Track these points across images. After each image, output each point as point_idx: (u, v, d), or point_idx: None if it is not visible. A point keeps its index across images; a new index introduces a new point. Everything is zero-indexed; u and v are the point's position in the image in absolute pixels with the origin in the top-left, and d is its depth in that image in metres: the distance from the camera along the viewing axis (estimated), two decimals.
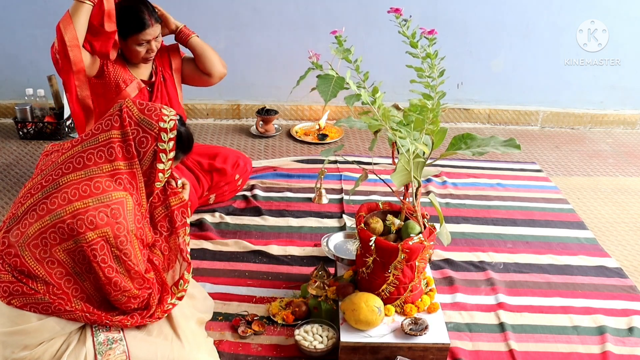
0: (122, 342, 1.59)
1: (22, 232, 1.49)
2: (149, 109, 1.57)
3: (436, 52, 1.60)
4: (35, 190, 1.54)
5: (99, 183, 1.51)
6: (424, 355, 1.72)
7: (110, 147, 1.54)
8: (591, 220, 2.64)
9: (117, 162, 1.54)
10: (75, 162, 1.53)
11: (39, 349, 1.53)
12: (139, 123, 1.56)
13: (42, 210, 1.49)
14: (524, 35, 3.50)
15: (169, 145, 1.58)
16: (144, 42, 2.26)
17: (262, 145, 3.35)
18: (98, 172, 1.52)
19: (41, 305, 1.51)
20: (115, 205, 1.50)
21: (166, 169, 1.61)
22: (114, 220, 1.49)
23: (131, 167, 1.56)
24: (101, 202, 1.49)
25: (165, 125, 1.56)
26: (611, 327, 1.94)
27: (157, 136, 1.56)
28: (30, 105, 3.26)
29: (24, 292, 1.49)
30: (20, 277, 1.49)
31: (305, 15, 3.40)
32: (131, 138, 1.55)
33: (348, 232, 2.23)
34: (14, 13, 3.33)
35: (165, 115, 1.57)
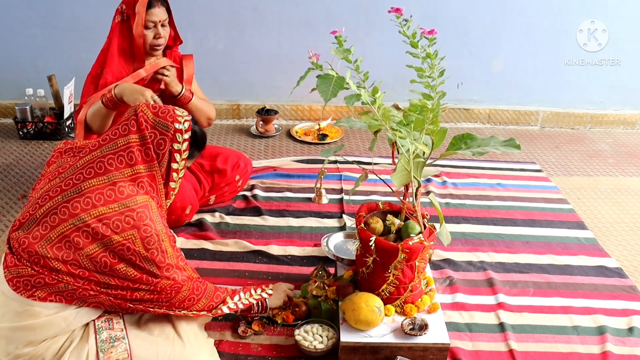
0: (125, 341, 1.59)
1: (43, 234, 1.51)
2: (163, 111, 1.60)
3: (436, 52, 1.60)
4: (55, 193, 1.55)
5: (122, 187, 1.53)
6: (424, 355, 1.72)
7: (130, 152, 1.56)
8: (591, 220, 2.64)
9: (137, 166, 1.57)
10: (97, 167, 1.55)
11: (42, 346, 1.54)
12: (155, 126, 1.58)
13: (64, 214, 1.51)
14: (524, 35, 3.50)
15: (184, 145, 1.61)
16: (150, 24, 2.26)
17: (262, 145, 3.35)
18: (120, 177, 1.55)
19: (66, 292, 1.53)
20: (141, 209, 1.53)
21: (180, 169, 1.64)
22: (141, 222, 1.51)
23: (151, 169, 1.59)
24: (126, 206, 1.52)
25: (180, 126, 1.59)
26: (611, 327, 1.94)
27: (173, 137, 1.59)
28: (30, 105, 3.27)
29: (47, 283, 1.51)
30: (42, 270, 1.51)
31: (305, 15, 3.40)
32: (149, 141, 1.57)
33: (348, 232, 2.23)
34: (14, 13, 3.34)
35: (179, 117, 1.60)
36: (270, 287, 1.90)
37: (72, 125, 3.38)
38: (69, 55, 3.45)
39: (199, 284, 1.68)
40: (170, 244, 1.60)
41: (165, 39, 2.34)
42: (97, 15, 3.32)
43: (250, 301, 1.82)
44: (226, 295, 1.77)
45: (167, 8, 2.33)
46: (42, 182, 1.65)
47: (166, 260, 1.57)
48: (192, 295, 1.65)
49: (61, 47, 3.43)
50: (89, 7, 3.32)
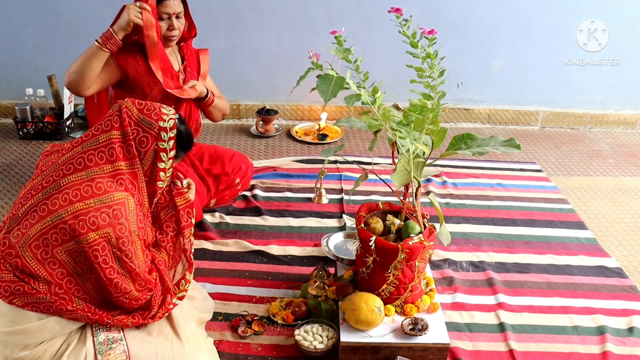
0: (123, 342, 1.59)
1: (23, 232, 1.50)
2: (148, 109, 1.58)
3: (436, 52, 1.60)
4: (36, 191, 1.54)
5: (100, 184, 1.51)
6: (424, 355, 1.72)
7: (111, 148, 1.54)
8: (591, 220, 2.64)
9: (118, 163, 1.54)
10: (76, 162, 1.54)
11: (39, 349, 1.53)
12: (139, 123, 1.56)
13: (43, 211, 1.49)
14: (524, 35, 3.50)
15: (169, 144, 1.58)
16: (164, 15, 2.25)
17: (262, 145, 3.35)
18: (99, 173, 1.52)
19: (42, 304, 1.51)
20: (117, 206, 1.50)
21: (167, 168, 1.61)
22: (116, 220, 1.49)
23: (132, 167, 1.57)
24: (103, 202, 1.49)
25: (165, 124, 1.57)
26: (611, 327, 1.94)
27: (157, 135, 1.56)
28: (30, 105, 3.26)
29: (26, 292, 1.50)
30: (22, 276, 1.50)
31: (305, 15, 3.40)
32: (131, 138, 1.55)
33: (348, 232, 2.23)
34: (14, 13, 3.33)
35: (164, 115, 1.58)
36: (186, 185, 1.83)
37: (72, 125, 3.38)
38: (69, 55, 3.42)
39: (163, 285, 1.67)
40: (141, 247, 1.57)
41: (179, 30, 2.33)
42: (97, 15, 3.32)
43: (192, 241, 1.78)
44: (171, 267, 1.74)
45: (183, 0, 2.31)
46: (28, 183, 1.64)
47: (135, 265, 1.55)
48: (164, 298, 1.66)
49: (61, 47, 3.42)
50: (89, 7, 3.32)
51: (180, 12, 2.31)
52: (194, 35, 2.48)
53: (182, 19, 2.34)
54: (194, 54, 2.51)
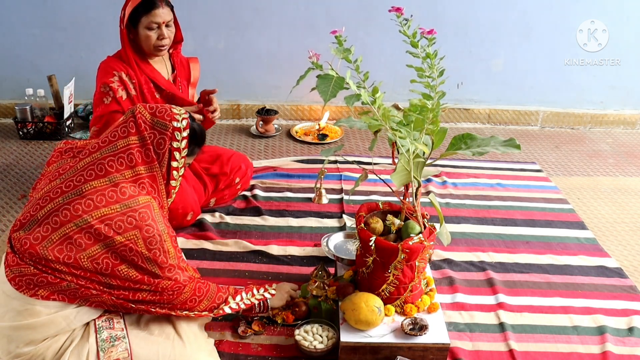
0: (125, 340, 1.60)
1: (44, 236, 1.51)
2: (160, 111, 1.61)
3: (436, 52, 1.60)
4: (55, 194, 1.55)
5: (124, 189, 1.54)
6: (424, 355, 1.72)
7: (130, 154, 1.57)
8: (591, 220, 2.64)
9: (138, 168, 1.58)
10: (97, 169, 1.56)
11: (42, 345, 1.55)
12: (154, 126, 1.59)
13: (65, 216, 1.51)
14: (524, 35, 3.50)
15: (183, 143, 1.62)
16: (154, 25, 2.24)
17: (262, 145, 3.35)
18: (121, 179, 1.56)
19: (68, 291, 1.53)
20: (143, 209, 1.54)
21: (180, 167, 1.64)
22: (143, 223, 1.52)
23: (152, 170, 1.60)
24: (128, 207, 1.53)
25: (178, 124, 1.60)
26: (611, 327, 1.94)
27: (172, 136, 1.60)
28: (30, 105, 3.26)
29: (50, 282, 1.51)
30: (45, 269, 1.51)
31: (305, 15, 3.40)
32: (149, 142, 1.59)
33: (348, 232, 2.23)
34: (14, 13, 3.33)
35: (176, 115, 1.61)
36: (273, 287, 1.90)
37: (72, 125, 3.38)
38: (69, 55, 3.45)
39: (201, 284, 1.69)
40: (172, 244, 1.60)
41: (170, 39, 2.31)
42: (97, 15, 3.33)
43: (252, 301, 1.82)
44: (228, 295, 1.77)
45: (171, 8, 2.29)
46: (43, 182, 1.65)
47: (168, 260, 1.58)
48: (194, 296, 1.66)
49: (61, 47, 3.43)
50: (89, 7, 3.32)
51: (169, 21, 2.28)
52: (180, 40, 2.45)
53: (172, 27, 2.32)
54: (184, 62, 2.51)
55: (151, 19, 2.22)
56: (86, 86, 3.21)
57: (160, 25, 2.25)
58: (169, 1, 2.29)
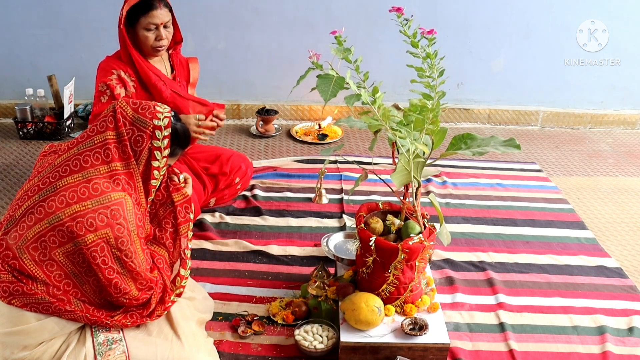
0: (122, 343, 1.59)
1: (20, 234, 1.50)
2: (143, 107, 1.57)
3: (436, 52, 1.60)
4: (32, 192, 1.54)
5: (97, 185, 1.51)
6: (424, 355, 1.72)
7: (107, 149, 1.54)
8: (591, 220, 2.64)
9: (114, 163, 1.54)
10: (72, 164, 1.53)
11: (38, 349, 1.53)
12: (134, 122, 1.55)
13: (40, 213, 1.49)
14: (524, 35, 3.50)
15: (164, 142, 1.57)
16: (152, 26, 2.23)
17: (262, 145, 3.35)
18: (95, 174, 1.52)
19: (41, 305, 1.51)
20: (115, 206, 1.50)
21: (161, 167, 1.60)
22: (114, 221, 1.49)
23: (128, 167, 1.56)
24: (100, 203, 1.49)
25: (159, 123, 1.56)
26: (611, 327, 1.94)
27: (152, 134, 1.55)
28: (30, 105, 3.27)
29: (24, 292, 1.49)
30: (20, 277, 1.50)
31: (305, 15, 3.40)
32: (126, 138, 1.55)
33: (348, 232, 2.22)
34: (14, 13, 3.33)
35: (159, 113, 1.56)
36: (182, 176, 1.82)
37: (72, 125, 3.38)
38: (69, 55, 3.45)
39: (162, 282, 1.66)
40: (141, 246, 1.57)
41: (167, 40, 2.30)
42: (97, 15, 3.32)
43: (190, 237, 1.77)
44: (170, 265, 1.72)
45: (170, 9, 2.29)
46: (25, 184, 1.64)
47: (136, 265, 1.54)
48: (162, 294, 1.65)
49: (61, 47, 3.43)
50: (89, 7, 3.32)
51: (167, 22, 2.27)
52: (180, 40, 2.45)
53: (170, 28, 2.31)
54: (183, 62, 2.50)
55: (149, 19, 2.21)
56: (86, 86, 3.21)
57: (159, 26, 2.25)
58: (168, 2, 2.28)
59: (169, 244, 1.73)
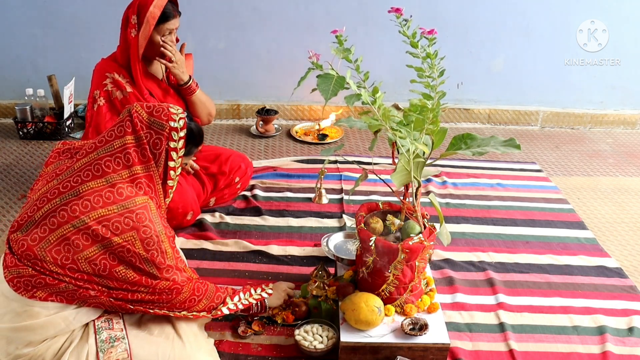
0: (124, 341, 1.60)
1: (42, 237, 1.51)
2: (157, 110, 1.60)
3: (436, 52, 1.60)
4: (52, 195, 1.55)
5: (121, 189, 1.54)
6: (424, 355, 1.72)
7: (127, 153, 1.56)
8: (591, 220, 2.64)
9: (134, 167, 1.57)
10: (94, 169, 1.55)
11: (42, 346, 1.55)
12: (150, 126, 1.58)
13: (63, 217, 1.51)
14: (524, 35, 3.50)
15: (180, 143, 1.61)
16: (167, 32, 2.29)
17: (262, 145, 3.35)
18: (118, 179, 1.55)
19: (66, 292, 1.53)
20: (140, 210, 1.53)
21: (177, 167, 1.64)
22: (140, 224, 1.52)
23: (148, 170, 1.59)
24: (125, 208, 1.52)
25: (175, 124, 1.59)
26: (611, 327, 1.94)
27: (169, 136, 1.59)
28: (30, 105, 3.27)
29: (48, 283, 1.51)
30: (43, 270, 1.51)
31: (305, 15, 3.40)
32: (145, 142, 1.57)
33: (348, 232, 2.22)
34: (14, 13, 3.33)
35: (174, 114, 1.60)
36: (270, 287, 1.90)
37: (72, 125, 3.38)
38: (69, 55, 3.45)
39: (199, 285, 1.69)
40: (170, 245, 1.60)
41: (174, 44, 2.36)
42: (97, 15, 3.33)
43: (250, 301, 1.82)
44: (226, 295, 1.77)
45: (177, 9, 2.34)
46: (40, 183, 1.65)
47: (166, 261, 1.58)
48: (193, 296, 1.66)
49: (61, 47, 3.43)
50: (89, 7, 3.32)
51: (177, 27, 2.35)
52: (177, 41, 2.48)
53: (175, 32, 2.37)
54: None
55: (167, 26, 2.28)
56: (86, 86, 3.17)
57: (172, 32, 2.32)
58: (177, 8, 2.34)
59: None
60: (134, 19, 2.22)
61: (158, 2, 2.20)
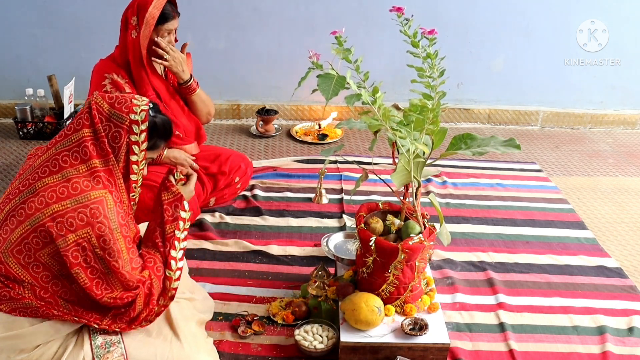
0: (120, 345, 1.57)
1: (4, 238, 1.48)
2: (120, 102, 1.52)
3: (436, 52, 1.60)
4: (14, 195, 1.52)
5: (76, 184, 1.47)
6: (424, 355, 1.72)
7: (84, 147, 1.50)
8: (591, 220, 2.64)
9: (92, 161, 1.50)
10: (51, 165, 1.50)
11: (35, 352, 1.52)
12: (110, 118, 1.51)
13: (21, 215, 1.47)
14: (524, 35, 3.50)
15: (141, 137, 1.53)
16: (166, 33, 2.30)
17: (262, 145, 3.35)
18: (74, 174, 1.49)
19: (29, 309, 1.50)
20: (94, 205, 1.46)
21: (140, 161, 1.56)
22: (95, 219, 1.45)
23: (107, 164, 1.52)
24: (79, 202, 1.45)
25: (136, 117, 1.51)
26: (611, 327, 1.94)
27: (129, 129, 1.51)
28: (30, 105, 3.27)
29: (12, 297, 1.48)
30: (7, 282, 1.48)
31: (305, 15, 3.40)
32: (103, 135, 1.51)
33: (348, 232, 2.22)
34: (14, 13, 3.33)
35: (135, 106, 1.52)
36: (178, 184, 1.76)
37: None
38: (69, 55, 3.45)
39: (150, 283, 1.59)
40: (126, 245, 1.52)
41: (173, 44, 2.37)
42: (97, 15, 3.32)
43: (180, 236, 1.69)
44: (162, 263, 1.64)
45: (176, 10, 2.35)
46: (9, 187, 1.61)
47: (120, 265, 1.50)
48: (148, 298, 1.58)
49: (61, 47, 3.43)
50: (89, 7, 3.32)
51: (177, 27, 2.35)
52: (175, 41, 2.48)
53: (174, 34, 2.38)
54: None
55: (166, 27, 2.29)
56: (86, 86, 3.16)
57: (171, 32, 2.33)
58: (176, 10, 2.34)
59: (159, 243, 1.67)
60: (133, 20, 2.22)
61: (157, 2, 2.21)
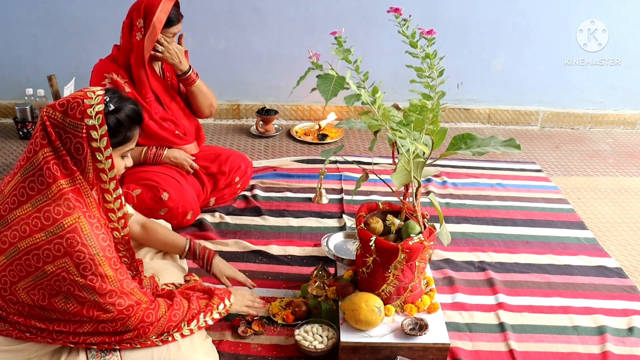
0: (116, 354, 1.55)
1: None
2: (72, 107, 1.38)
3: (435, 52, 1.60)
4: None
5: (47, 213, 1.38)
6: (424, 355, 1.72)
7: (47, 169, 1.39)
8: (591, 220, 2.64)
9: (58, 183, 1.39)
10: (19, 194, 1.41)
11: None
12: (67, 129, 1.38)
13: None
14: (524, 35, 3.50)
15: (103, 142, 1.40)
16: (171, 35, 2.32)
17: (262, 145, 3.35)
18: (44, 201, 1.39)
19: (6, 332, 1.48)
20: (69, 234, 1.37)
21: (107, 168, 1.44)
22: (73, 249, 1.37)
23: (74, 182, 1.41)
24: (54, 233, 1.37)
25: (92, 122, 1.37)
26: (611, 327, 1.94)
27: (88, 136, 1.38)
28: (30, 105, 3.27)
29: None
30: None
31: (305, 15, 3.40)
32: (64, 152, 1.39)
33: (348, 232, 2.23)
34: (14, 13, 3.34)
35: (89, 108, 1.37)
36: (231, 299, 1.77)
37: None
38: (69, 55, 3.45)
39: (150, 310, 1.54)
40: (111, 266, 1.44)
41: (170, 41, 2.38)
42: (97, 15, 3.33)
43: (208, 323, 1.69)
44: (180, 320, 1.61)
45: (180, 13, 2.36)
46: None
47: (108, 286, 1.43)
48: (142, 323, 1.52)
49: (61, 47, 3.43)
50: (89, 7, 3.32)
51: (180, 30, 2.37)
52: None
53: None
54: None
55: (170, 31, 2.30)
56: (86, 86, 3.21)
57: (174, 35, 2.34)
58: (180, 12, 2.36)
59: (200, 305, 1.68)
60: (139, 22, 2.22)
61: (164, 6, 2.21)
